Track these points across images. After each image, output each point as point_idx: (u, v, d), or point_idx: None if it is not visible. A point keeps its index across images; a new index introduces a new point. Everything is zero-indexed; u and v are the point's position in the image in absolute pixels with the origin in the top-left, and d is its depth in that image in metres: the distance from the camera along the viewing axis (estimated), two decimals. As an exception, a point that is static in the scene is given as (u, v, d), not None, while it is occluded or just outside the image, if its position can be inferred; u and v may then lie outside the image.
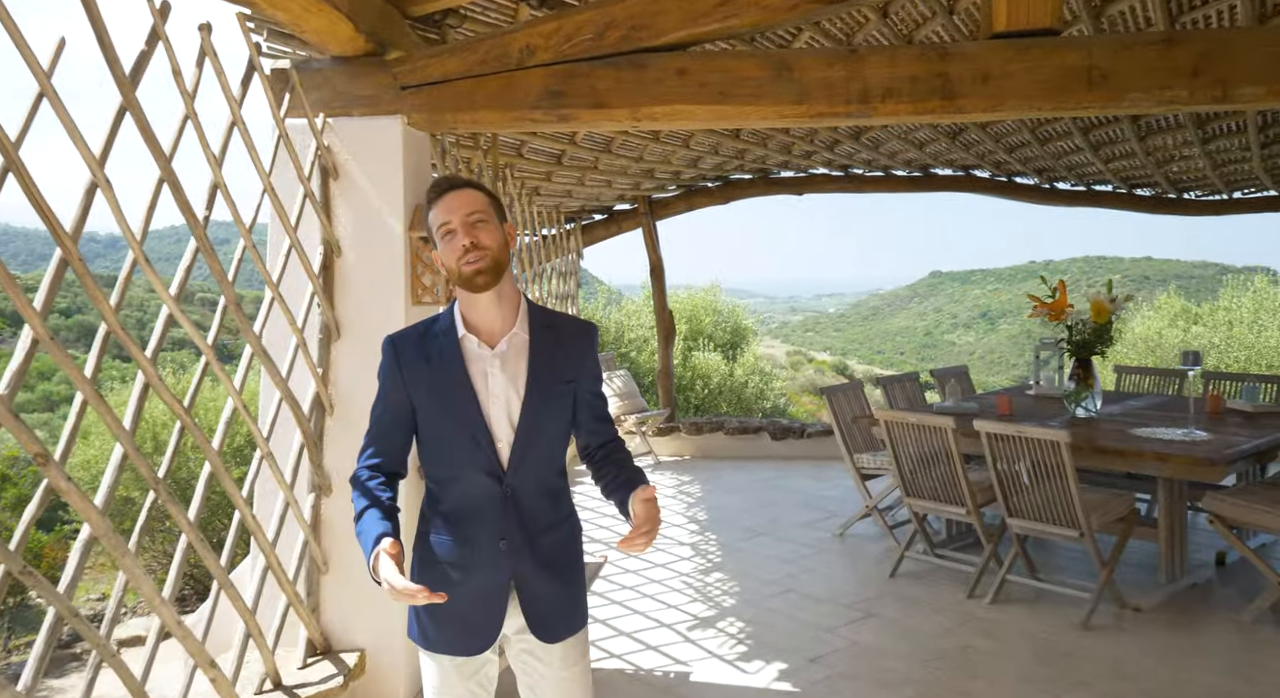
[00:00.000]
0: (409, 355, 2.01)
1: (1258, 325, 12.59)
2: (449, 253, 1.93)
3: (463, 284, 1.94)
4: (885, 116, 3.42)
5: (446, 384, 1.97)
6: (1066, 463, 4.37)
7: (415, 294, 3.57)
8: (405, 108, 3.50)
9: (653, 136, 6.42)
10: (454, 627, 2.00)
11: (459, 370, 1.97)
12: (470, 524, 1.97)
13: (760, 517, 6.53)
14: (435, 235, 1.97)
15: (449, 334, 2.00)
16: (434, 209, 1.96)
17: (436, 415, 1.99)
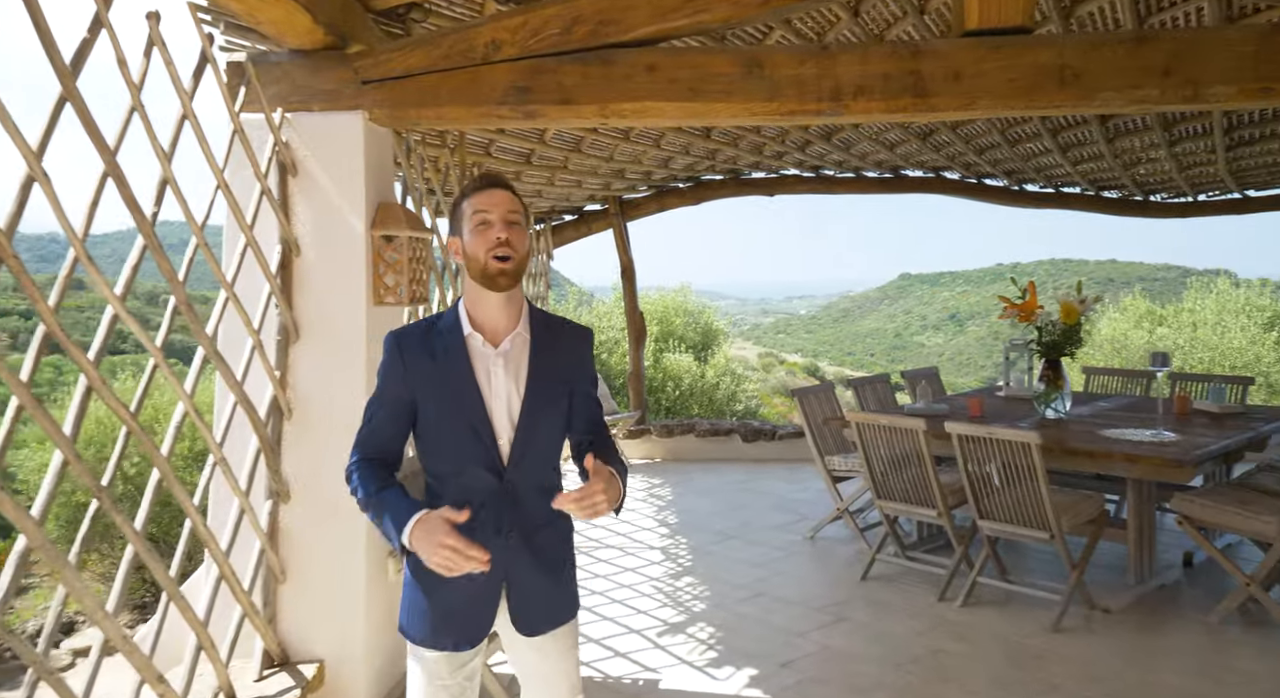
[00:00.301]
0: (413, 351, 2.03)
1: (1221, 326, 12.75)
2: (479, 243, 1.96)
3: (484, 279, 1.98)
4: (857, 115, 3.37)
5: (451, 380, 2.00)
6: (1037, 465, 4.35)
7: (377, 294, 3.48)
8: (367, 103, 3.41)
9: (623, 136, 6.35)
10: (449, 623, 2.05)
11: (464, 367, 2.01)
12: (470, 518, 1.97)
13: (731, 520, 6.48)
14: (466, 224, 2.00)
15: (454, 331, 2.03)
16: (472, 198, 2.01)
17: (439, 410, 2.02)
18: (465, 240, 2.00)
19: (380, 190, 3.55)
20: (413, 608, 2.09)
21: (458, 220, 2.04)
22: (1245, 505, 4.41)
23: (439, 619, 2.06)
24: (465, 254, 2.00)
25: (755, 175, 8.74)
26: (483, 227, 1.97)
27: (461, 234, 2.02)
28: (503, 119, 3.45)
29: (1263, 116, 6.01)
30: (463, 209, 2.02)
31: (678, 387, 12.09)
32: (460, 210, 2.03)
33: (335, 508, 3.37)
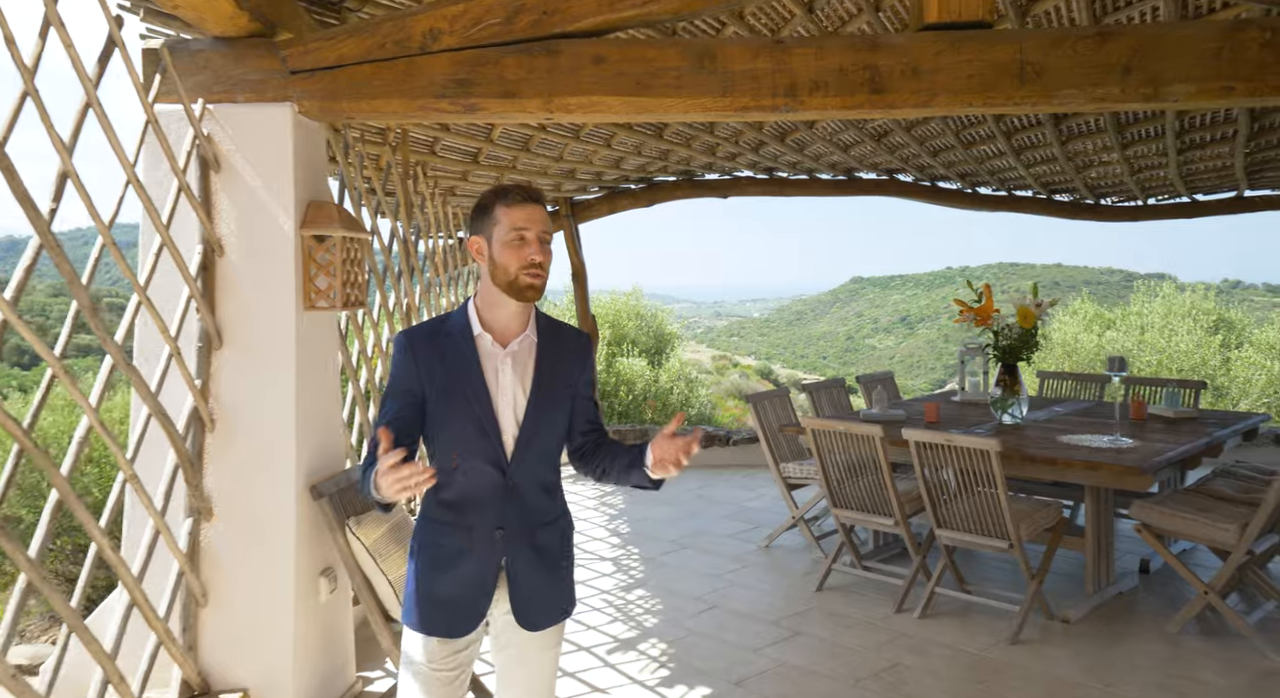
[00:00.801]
0: (423, 350, 2.09)
1: (1168, 330, 12.91)
2: (513, 257, 2.03)
3: (512, 291, 2.05)
4: (813, 111, 3.24)
5: (461, 378, 2.07)
6: (996, 473, 4.26)
7: (308, 298, 3.26)
8: (296, 94, 3.20)
9: (573, 135, 6.18)
10: (447, 609, 2.11)
11: (473, 365, 2.08)
12: (472, 512, 2.09)
13: (685, 528, 6.33)
14: (498, 232, 2.04)
15: (464, 332, 2.10)
16: (511, 210, 2.04)
17: (448, 407, 2.07)
18: (495, 248, 2.05)
19: (312, 188, 3.34)
20: (412, 596, 2.13)
21: (487, 224, 2.07)
22: (1204, 512, 4.36)
23: (437, 605, 2.11)
24: (493, 262, 2.06)
25: (709, 177, 8.61)
26: (519, 242, 2.03)
27: (491, 239, 2.06)
28: (442, 113, 3.26)
29: (1214, 120, 6.02)
30: (496, 216, 2.06)
31: (630, 391, 11.92)
32: (493, 215, 2.06)
33: (262, 525, 3.16)
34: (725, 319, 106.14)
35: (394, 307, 4.97)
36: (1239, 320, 14.98)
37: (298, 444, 3.18)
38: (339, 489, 3.31)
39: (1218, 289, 15.25)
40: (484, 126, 5.70)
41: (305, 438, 3.24)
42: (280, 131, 3.17)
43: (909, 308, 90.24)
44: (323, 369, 3.44)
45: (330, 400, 3.52)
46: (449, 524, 2.11)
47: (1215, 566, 5.04)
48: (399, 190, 5.03)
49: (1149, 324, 13.21)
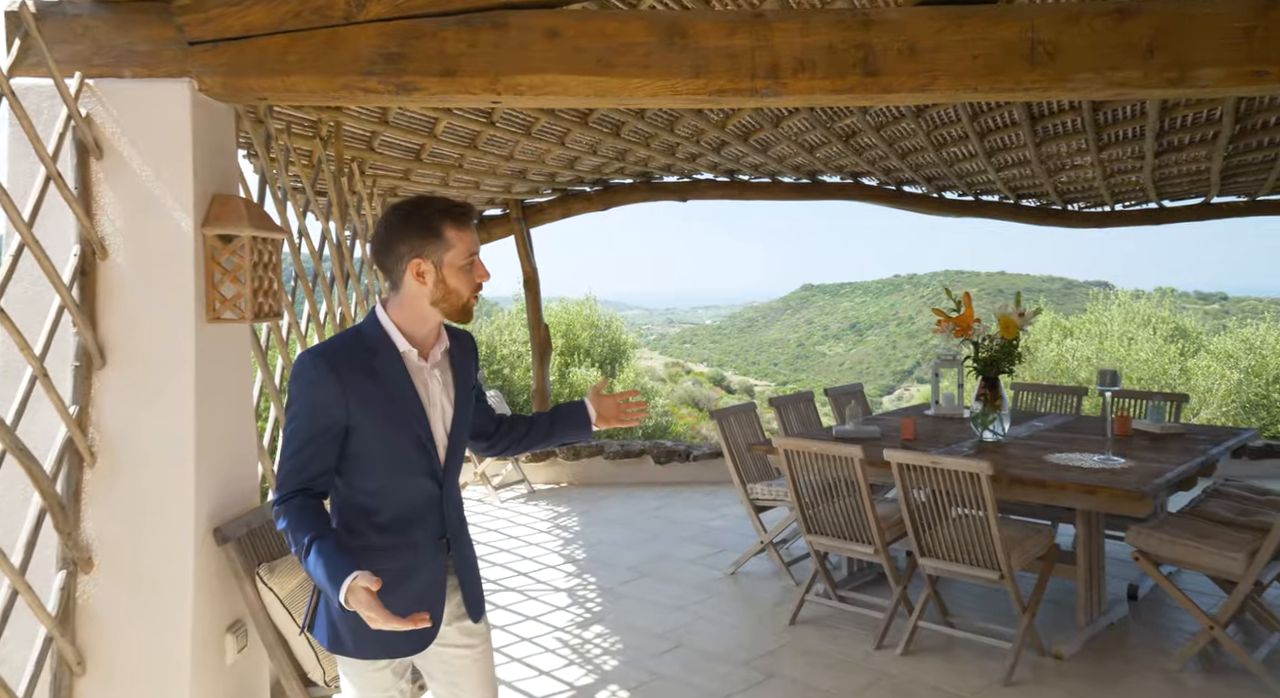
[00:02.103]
0: (347, 371, 1.96)
1: (1127, 338, 12.81)
2: (465, 282, 2.02)
3: (458, 313, 2.05)
4: (797, 95, 2.84)
5: (394, 396, 2.00)
6: (987, 497, 3.91)
7: (211, 308, 2.78)
8: (195, 69, 2.72)
9: (524, 131, 5.73)
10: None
11: (406, 382, 2.02)
12: (414, 529, 2.05)
13: (644, 553, 5.90)
14: (453, 257, 1.99)
15: (388, 348, 2.02)
16: (461, 232, 2.00)
17: (382, 427, 1.99)
18: (445, 272, 1.99)
19: (217, 179, 2.86)
20: (359, 622, 1.91)
21: (433, 248, 1.98)
22: (1205, 539, 4.05)
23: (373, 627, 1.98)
24: (443, 285, 2.00)
25: (667, 179, 8.22)
26: (470, 266, 2.02)
27: (439, 263, 1.99)
28: (370, 93, 2.80)
29: (1195, 121, 5.77)
30: (445, 238, 1.98)
31: (585, 403, 11.47)
32: (441, 237, 1.98)
33: (154, 576, 2.67)
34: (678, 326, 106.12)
35: (325, 316, 4.48)
36: (1193, 329, 14.99)
37: (198, 480, 2.69)
38: (249, 531, 2.83)
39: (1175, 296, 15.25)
40: (426, 121, 5.23)
41: (208, 472, 2.75)
42: (176, 112, 2.69)
43: (858, 315, 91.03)
44: (231, 390, 2.96)
45: (241, 426, 3.03)
46: (391, 546, 2.03)
47: (1205, 589, 4.75)
48: (331, 189, 4.54)
49: (1107, 333, 13.09)
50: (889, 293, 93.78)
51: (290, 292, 4.09)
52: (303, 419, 1.94)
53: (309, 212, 4.35)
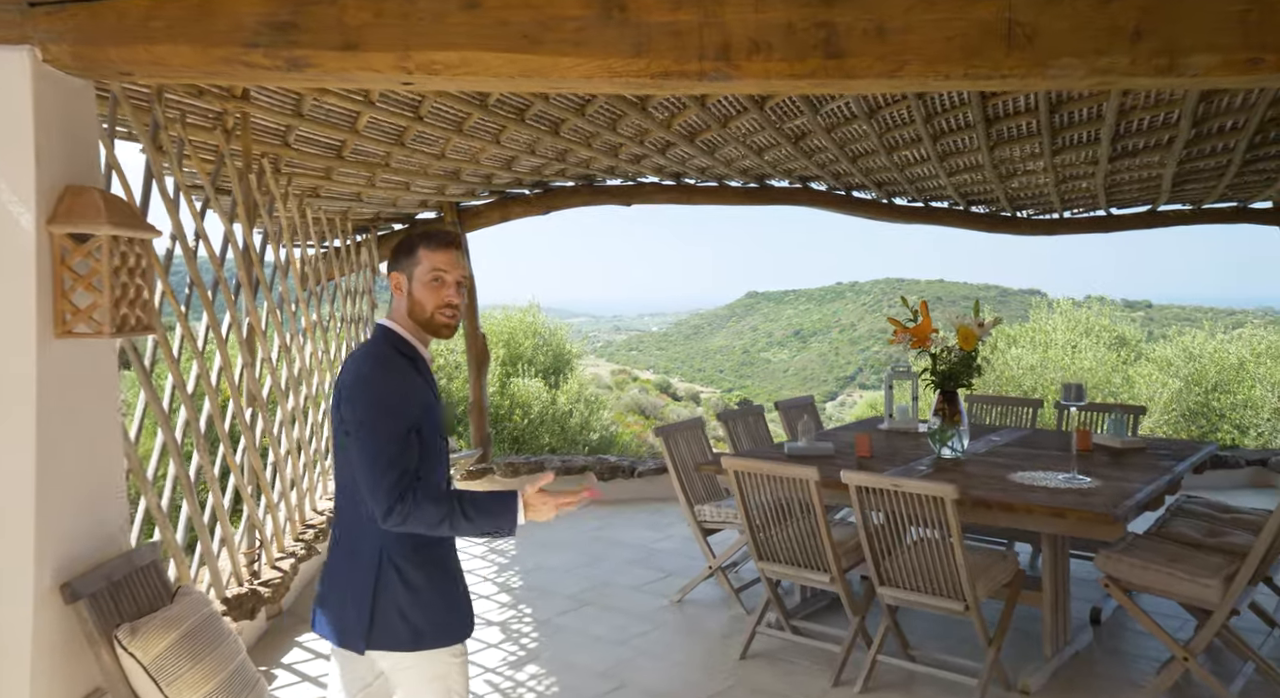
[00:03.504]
0: (410, 374, 2.15)
1: (1071, 346, 12.80)
2: (431, 297, 2.17)
3: (429, 328, 2.21)
4: (751, 79, 2.51)
5: (432, 397, 2.20)
6: (951, 522, 3.62)
7: (60, 320, 2.35)
8: (39, 35, 2.30)
9: (455, 128, 5.34)
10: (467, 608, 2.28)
11: (433, 384, 2.24)
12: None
13: (586, 580, 5.52)
14: (420, 273, 2.18)
15: (417, 356, 2.20)
16: (433, 253, 2.18)
17: (428, 426, 2.14)
18: (414, 286, 2.18)
19: (71, 169, 2.44)
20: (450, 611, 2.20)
21: (409, 262, 2.19)
22: (1176, 563, 3.81)
23: (465, 607, 2.26)
24: (412, 298, 2.18)
25: (611, 183, 7.87)
26: (436, 283, 2.17)
27: (411, 277, 2.19)
28: (254, 69, 2.41)
29: (1152, 125, 5.61)
30: (418, 256, 2.18)
31: (526, 415, 11.05)
32: (415, 256, 2.18)
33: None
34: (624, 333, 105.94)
35: (230, 328, 4.04)
36: (1132, 336, 15.10)
37: (40, 526, 2.26)
38: (110, 584, 2.40)
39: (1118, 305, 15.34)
40: (347, 115, 4.81)
41: (54, 516, 2.32)
42: (13, 86, 2.26)
43: (802, 322, 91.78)
44: (88, 417, 2.52)
45: (101, 459, 2.59)
46: (441, 541, 2.20)
47: (1167, 611, 4.53)
48: (236, 187, 4.11)
49: (1052, 341, 13.08)
50: (831, 300, 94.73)
51: (184, 301, 3.65)
52: (389, 423, 2.04)
53: (208, 211, 3.90)
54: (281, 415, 4.80)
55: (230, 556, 4.05)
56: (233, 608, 3.90)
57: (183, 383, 3.44)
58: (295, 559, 4.73)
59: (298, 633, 4.50)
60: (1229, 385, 12.27)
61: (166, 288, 3.32)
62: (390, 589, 2.10)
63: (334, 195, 6.17)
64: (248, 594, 4.08)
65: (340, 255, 6.61)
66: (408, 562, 2.12)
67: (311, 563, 5.24)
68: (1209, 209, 8.40)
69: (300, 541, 5.04)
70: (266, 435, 4.54)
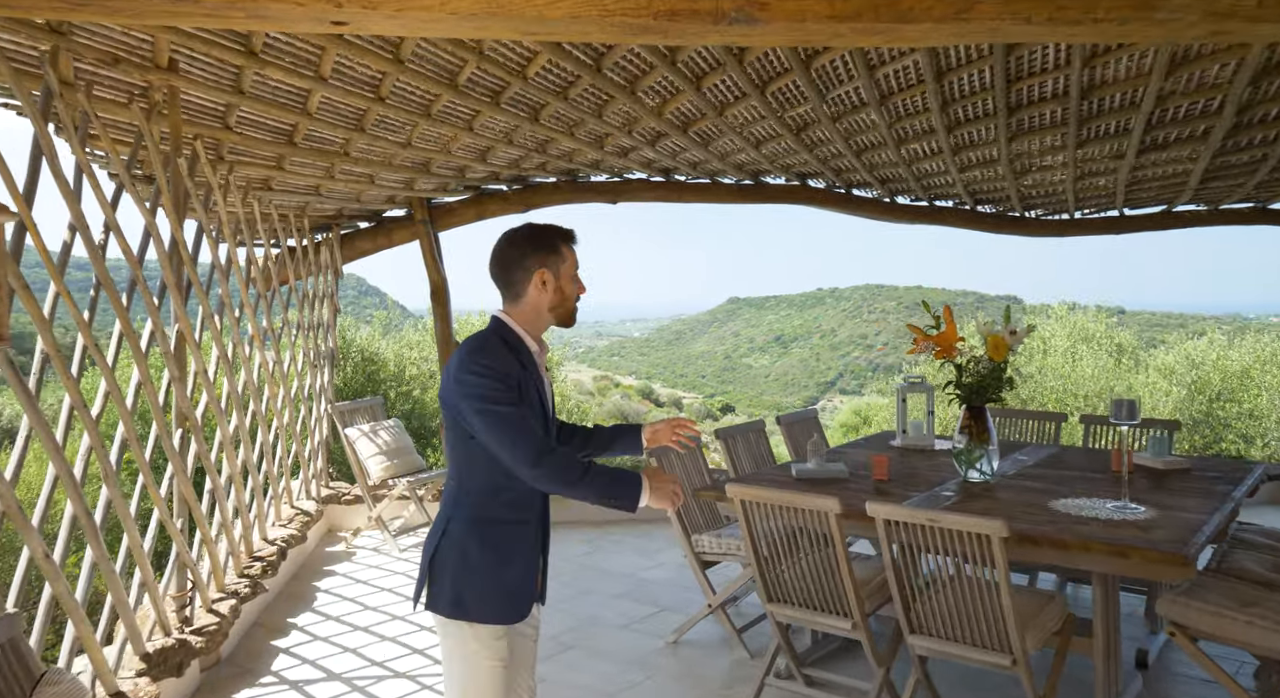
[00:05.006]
0: (516, 361, 2.27)
1: (1072, 354, 12.35)
2: (574, 290, 2.40)
3: (566, 317, 2.41)
4: (783, 23, 1.95)
5: (535, 385, 2.32)
6: (999, 562, 3.09)
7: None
8: None
9: (423, 111, 4.78)
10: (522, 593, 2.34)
11: (538, 374, 2.36)
12: (531, 506, 2.35)
13: (571, 617, 4.95)
14: (566, 269, 2.37)
15: (522, 345, 2.34)
16: (573, 249, 2.40)
17: (528, 412, 2.24)
18: (563, 281, 2.36)
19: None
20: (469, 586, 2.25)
21: (554, 259, 2.34)
22: (1251, 608, 3.29)
23: (500, 588, 2.29)
24: (560, 292, 2.36)
25: (595, 179, 7.32)
26: (577, 277, 2.40)
27: (558, 273, 2.35)
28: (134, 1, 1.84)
29: (1189, 114, 5.12)
30: (562, 252, 2.36)
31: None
32: (559, 252, 2.36)
33: None
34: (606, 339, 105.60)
35: (152, 335, 3.45)
36: (1128, 343, 14.69)
37: None
38: None
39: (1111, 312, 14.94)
40: (297, 93, 4.24)
41: None
42: None
43: (783, 328, 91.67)
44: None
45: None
46: (517, 521, 2.31)
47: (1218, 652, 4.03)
48: (159, 173, 3.52)
49: (1050, 348, 12.62)
50: (812, 306, 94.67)
51: (89, 305, 3.07)
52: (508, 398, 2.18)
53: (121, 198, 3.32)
54: (222, 436, 4.21)
55: (154, 603, 3.46)
56: (153, 665, 3.31)
57: (84, 403, 2.85)
58: (237, 600, 4.14)
59: (239, 687, 3.91)
60: (1233, 394, 11.86)
61: (61, 289, 2.75)
62: (446, 555, 2.26)
63: (288, 188, 5.58)
64: (174, 647, 3.49)
65: (297, 256, 6.02)
66: (469, 535, 2.26)
67: (257, 602, 4.64)
68: (1226, 210, 7.95)
69: (245, 576, 4.45)
70: (202, 460, 3.95)
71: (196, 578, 3.81)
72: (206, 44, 3.44)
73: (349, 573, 5.72)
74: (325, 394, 6.58)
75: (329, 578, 5.59)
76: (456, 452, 2.30)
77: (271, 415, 5.24)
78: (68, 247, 2.90)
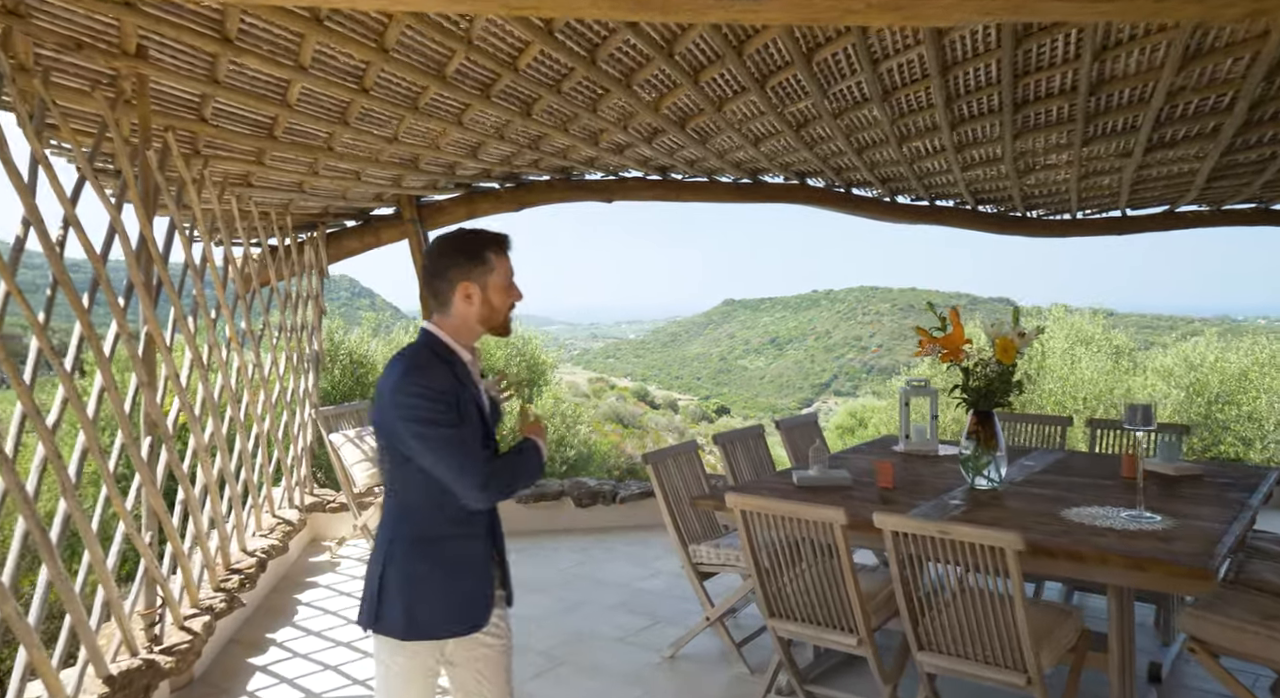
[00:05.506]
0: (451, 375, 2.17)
1: (1070, 356, 12.19)
2: (504, 299, 2.27)
3: (500, 327, 2.30)
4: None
5: (470, 398, 2.20)
6: (1014, 576, 2.93)
7: None
8: None
9: (409, 104, 4.60)
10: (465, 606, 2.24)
11: (472, 385, 2.25)
12: (476, 519, 2.25)
13: (562, 630, 4.77)
14: (495, 279, 2.25)
15: (455, 357, 2.23)
16: (503, 257, 2.27)
17: (464, 427, 2.14)
18: (490, 293, 2.23)
19: None
20: (418, 601, 2.16)
21: (480, 271, 2.23)
22: (1272, 621, 3.14)
23: (452, 602, 2.20)
24: (488, 304, 2.24)
25: (590, 177, 7.14)
26: (510, 286, 2.28)
27: (486, 285, 2.23)
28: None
29: (1199, 110, 4.97)
30: (489, 262, 2.24)
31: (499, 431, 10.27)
32: (486, 262, 2.23)
33: None
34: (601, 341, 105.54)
35: (117, 338, 3.27)
36: (1125, 345, 14.55)
37: None
38: None
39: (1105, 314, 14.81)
40: (276, 84, 4.06)
41: None
42: None
43: (778, 330, 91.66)
44: None
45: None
46: (462, 536, 2.22)
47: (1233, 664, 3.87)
48: (125, 166, 3.34)
49: (1049, 349, 12.46)
50: (807, 308, 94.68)
51: (44, 306, 2.88)
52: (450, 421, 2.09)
53: (82, 192, 3.13)
54: (196, 444, 4.02)
55: (119, 622, 3.27)
56: (117, 688, 3.13)
57: (37, 411, 2.67)
58: (212, 615, 3.96)
59: (214, 706, 3.73)
60: (1232, 396, 11.72)
61: (12, 288, 2.56)
62: (394, 578, 2.17)
63: (270, 185, 5.39)
64: (141, 668, 3.31)
65: (280, 256, 5.83)
66: (416, 556, 2.18)
67: (233, 618, 4.46)
68: (1230, 211, 7.82)
69: (222, 590, 4.26)
70: (174, 470, 3.77)
71: (167, 594, 3.62)
72: (176, 29, 3.26)
73: (332, 585, 5.53)
74: (310, 399, 6.39)
75: (311, 590, 5.40)
76: (395, 472, 2.20)
77: (252, 421, 5.05)
78: (21, 242, 2.72)
